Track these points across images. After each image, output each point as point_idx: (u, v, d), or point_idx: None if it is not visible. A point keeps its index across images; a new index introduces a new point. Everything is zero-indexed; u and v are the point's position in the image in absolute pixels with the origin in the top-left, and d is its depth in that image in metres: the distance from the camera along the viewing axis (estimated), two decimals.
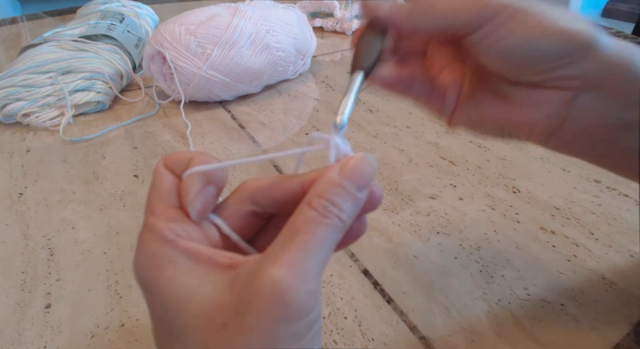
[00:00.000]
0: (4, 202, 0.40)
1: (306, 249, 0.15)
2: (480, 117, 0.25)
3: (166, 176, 0.18)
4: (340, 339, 0.27)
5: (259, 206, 0.19)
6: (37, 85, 0.53)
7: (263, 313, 0.14)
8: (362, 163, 0.17)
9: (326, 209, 0.16)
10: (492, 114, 0.24)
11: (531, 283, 0.30)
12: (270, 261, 0.15)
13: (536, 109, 0.22)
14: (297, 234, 0.16)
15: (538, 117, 0.22)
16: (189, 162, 0.18)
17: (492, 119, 0.24)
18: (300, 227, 0.16)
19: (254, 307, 0.14)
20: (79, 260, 0.34)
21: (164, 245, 0.17)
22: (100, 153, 0.47)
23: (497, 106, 0.24)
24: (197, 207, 0.18)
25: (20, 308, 0.30)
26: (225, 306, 0.15)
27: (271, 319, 0.14)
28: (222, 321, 0.15)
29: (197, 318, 0.16)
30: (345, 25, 0.83)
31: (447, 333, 0.27)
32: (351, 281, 0.31)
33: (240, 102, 0.58)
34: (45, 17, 1.04)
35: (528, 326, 0.27)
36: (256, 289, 0.15)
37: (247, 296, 0.15)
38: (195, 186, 0.18)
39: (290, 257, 0.15)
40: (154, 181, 0.18)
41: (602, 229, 0.35)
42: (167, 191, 0.18)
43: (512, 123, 0.23)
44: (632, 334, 0.26)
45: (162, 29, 0.53)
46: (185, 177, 0.18)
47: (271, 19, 0.56)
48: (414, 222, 0.36)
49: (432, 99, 0.26)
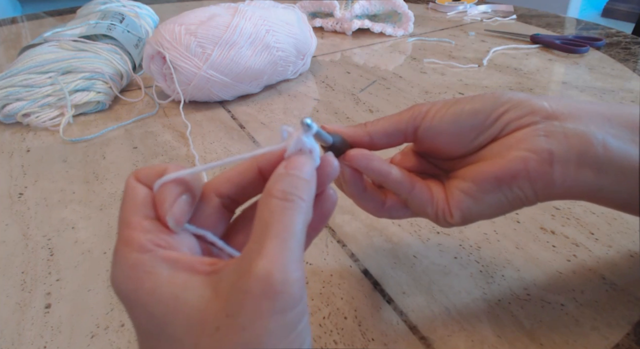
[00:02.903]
0: (4, 202, 0.40)
1: (281, 238, 0.16)
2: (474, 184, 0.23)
3: (139, 188, 0.18)
4: (340, 339, 0.27)
5: (223, 196, 0.20)
6: (37, 85, 0.53)
7: (254, 310, 0.15)
8: (302, 157, 0.19)
9: (285, 193, 0.17)
10: (482, 174, 0.23)
11: (531, 283, 0.30)
12: (252, 260, 0.15)
13: (517, 148, 0.22)
14: (268, 225, 0.16)
15: (524, 154, 0.22)
16: (162, 172, 0.18)
17: (486, 179, 0.23)
18: (269, 218, 0.16)
19: (244, 307, 0.15)
20: (79, 260, 0.34)
21: (142, 256, 0.17)
22: (100, 153, 0.47)
23: (482, 166, 0.23)
24: (174, 216, 0.18)
25: (20, 308, 0.30)
26: (214, 310, 0.15)
27: (263, 314, 0.15)
28: (214, 325, 0.15)
29: (186, 326, 0.16)
30: (345, 25, 0.83)
31: (447, 333, 0.27)
32: (351, 281, 0.31)
33: (240, 102, 0.58)
34: (45, 17, 1.04)
35: (528, 326, 0.27)
36: (243, 289, 0.15)
37: (235, 298, 0.15)
38: (171, 194, 0.18)
39: (270, 250, 0.15)
40: (126, 195, 0.18)
41: (602, 229, 0.35)
42: (141, 203, 0.18)
43: (506, 173, 0.22)
44: (632, 334, 0.26)
45: (162, 29, 0.53)
46: (159, 186, 0.18)
47: (271, 19, 0.56)
48: (414, 222, 0.36)
49: (417, 199, 0.25)
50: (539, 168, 0.22)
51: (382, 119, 0.25)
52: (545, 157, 0.21)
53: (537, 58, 0.70)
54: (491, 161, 0.23)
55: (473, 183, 0.23)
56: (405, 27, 0.82)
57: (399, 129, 0.25)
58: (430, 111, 0.24)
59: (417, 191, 0.24)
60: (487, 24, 0.89)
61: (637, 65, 0.66)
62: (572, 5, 2.21)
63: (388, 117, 0.25)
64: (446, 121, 0.24)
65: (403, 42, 0.79)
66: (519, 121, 0.23)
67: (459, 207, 0.23)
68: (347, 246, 0.34)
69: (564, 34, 0.80)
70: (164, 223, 0.18)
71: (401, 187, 0.24)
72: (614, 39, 0.78)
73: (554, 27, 0.86)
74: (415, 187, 0.25)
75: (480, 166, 0.23)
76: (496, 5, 0.97)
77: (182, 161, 0.46)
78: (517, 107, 0.23)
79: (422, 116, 0.24)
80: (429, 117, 0.24)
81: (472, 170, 0.24)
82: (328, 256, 0.33)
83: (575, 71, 0.65)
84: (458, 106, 0.24)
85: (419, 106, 0.25)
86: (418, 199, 0.24)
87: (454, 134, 0.24)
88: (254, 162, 0.20)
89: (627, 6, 2.73)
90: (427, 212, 0.25)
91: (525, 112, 0.23)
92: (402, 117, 0.25)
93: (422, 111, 0.24)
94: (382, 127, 0.25)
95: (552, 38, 0.73)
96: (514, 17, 0.91)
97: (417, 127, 0.24)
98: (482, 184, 0.23)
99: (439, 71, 0.66)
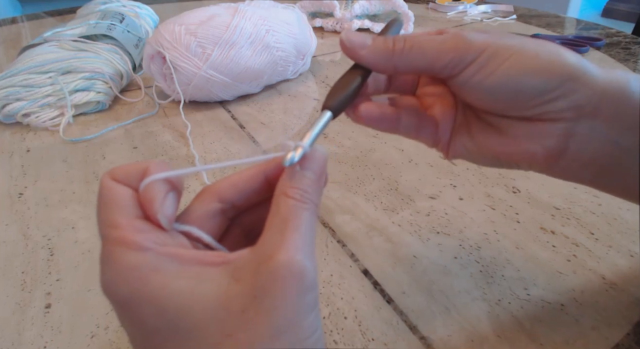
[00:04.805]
0: (4, 202, 0.40)
1: (300, 232, 0.17)
2: (477, 149, 0.24)
3: (120, 189, 0.18)
4: (340, 339, 0.27)
5: (226, 202, 0.20)
6: (37, 85, 0.53)
7: (283, 290, 0.16)
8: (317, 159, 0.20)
9: (302, 196, 0.18)
10: (489, 146, 0.24)
11: (531, 283, 0.30)
12: (275, 248, 0.16)
13: (534, 141, 0.22)
14: (287, 221, 0.17)
15: (537, 149, 0.22)
16: (145, 171, 0.18)
17: (490, 151, 0.24)
18: (288, 215, 0.18)
19: (273, 287, 0.16)
20: (79, 260, 0.34)
21: (144, 255, 0.16)
22: (100, 153, 0.47)
23: (493, 139, 0.23)
24: (166, 214, 0.18)
25: (20, 308, 0.30)
26: (237, 294, 0.16)
27: (291, 293, 0.16)
28: (239, 308, 0.16)
29: (208, 315, 0.16)
30: (345, 25, 0.83)
31: (447, 333, 0.27)
32: (351, 281, 0.31)
33: (240, 102, 0.58)
34: (45, 17, 1.04)
35: (528, 326, 0.27)
36: (270, 272, 0.16)
37: (261, 281, 0.16)
38: (160, 192, 0.18)
39: (292, 241, 0.17)
40: (104, 196, 0.18)
41: (602, 229, 0.35)
42: (127, 203, 0.18)
43: (511, 155, 0.23)
44: (632, 334, 0.26)
45: (162, 29, 0.53)
46: (145, 185, 0.18)
47: (271, 19, 0.56)
48: (414, 222, 0.36)
49: (422, 132, 0.25)
50: (544, 162, 0.22)
51: (418, 48, 0.21)
52: (556, 155, 0.22)
53: None
54: (506, 142, 0.23)
55: (478, 150, 0.24)
56: (405, 27, 0.82)
57: (432, 68, 0.21)
58: (480, 57, 0.20)
59: (422, 136, 0.25)
60: (487, 24, 0.88)
61: (637, 65, 0.66)
62: (572, 5, 2.21)
63: (425, 44, 0.21)
64: (491, 83, 0.21)
65: None
66: (560, 113, 0.21)
67: (456, 154, 0.25)
68: (347, 246, 0.34)
69: (564, 34, 0.80)
70: (155, 222, 0.18)
71: (407, 136, 0.25)
72: (614, 39, 0.78)
73: (554, 27, 0.86)
74: (421, 132, 0.25)
75: (493, 140, 0.23)
76: (496, 5, 0.97)
77: (182, 160, 0.46)
78: (570, 94, 0.20)
79: (468, 62, 0.21)
80: (474, 66, 0.21)
81: (484, 139, 0.24)
82: (328, 256, 0.33)
83: None
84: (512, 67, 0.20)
85: (468, 43, 0.21)
86: (422, 139, 0.26)
87: (491, 101, 0.22)
88: (262, 170, 0.21)
89: (627, 6, 2.73)
90: (427, 144, 0.26)
91: (572, 105, 0.21)
92: (443, 55, 0.21)
93: (470, 52, 0.21)
94: (412, 63, 0.22)
95: (552, 38, 0.73)
96: (514, 17, 0.91)
97: (455, 74, 0.21)
98: (486, 154, 0.24)
99: None
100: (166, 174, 0.18)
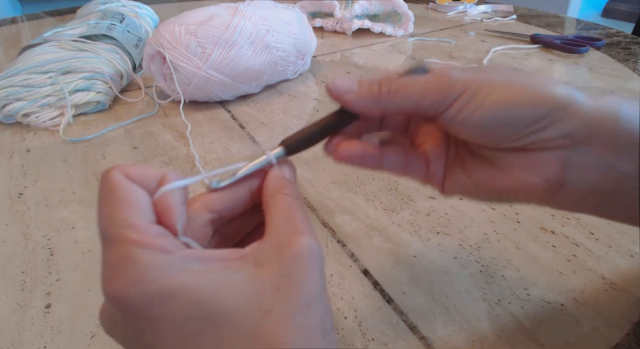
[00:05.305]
0: (4, 202, 0.40)
1: (307, 221, 0.20)
2: (474, 184, 0.24)
3: (137, 190, 0.18)
4: (340, 339, 0.27)
5: (215, 213, 0.22)
6: (37, 85, 0.53)
7: (307, 268, 0.18)
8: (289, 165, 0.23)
9: (293, 192, 0.21)
10: (485, 180, 0.23)
11: (531, 283, 0.30)
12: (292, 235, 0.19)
13: (530, 172, 0.21)
14: (292, 213, 0.20)
15: (534, 180, 0.21)
16: (163, 179, 0.19)
17: (487, 185, 0.23)
18: (291, 209, 0.20)
19: (299, 266, 0.18)
20: (79, 260, 0.34)
21: (171, 257, 0.17)
22: (100, 153, 0.47)
23: (489, 173, 0.23)
24: (182, 223, 0.19)
25: (20, 308, 0.30)
26: (267, 277, 0.18)
27: (314, 271, 0.18)
28: (272, 287, 0.17)
29: (245, 296, 0.17)
30: (345, 25, 0.83)
31: (447, 333, 0.27)
32: (351, 281, 0.31)
33: (240, 102, 0.58)
34: (45, 17, 1.04)
35: (528, 326, 0.27)
36: (295, 254, 0.18)
37: (287, 262, 0.18)
38: (178, 203, 0.19)
39: (305, 228, 0.19)
40: (120, 194, 0.18)
41: (602, 229, 0.35)
42: (145, 206, 0.18)
43: (508, 188, 0.22)
44: (632, 334, 0.26)
45: (162, 29, 0.53)
46: (164, 193, 0.19)
47: (271, 19, 0.56)
48: (414, 222, 0.36)
49: (411, 168, 0.25)
50: (543, 194, 0.22)
51: (403, 90, 0.21)
52: (555, 186, 0.21)
53: (537, 58, 0.70)
54: (501, 174, 0.22)
55: (475, 185, 0.24)
56: (405, 27, 0.82)
57: (419, 108, 0.22)
58: (464, 94, 0.21)
59: (411, 171, 0.25)
60: (487, 24, 0.89)
61: (637, 65, 0.66)
62: (572, 5, 2.21)
63: (410, 87, 0.21)
64: (477, 118, 0.21)
65: (403, 42, 0.79)
66: (551, 142, 0.21)
67: (453, 191, 0.25)
68: (347, 246, 0.34)
69: (564, 34, 0.80)
70: (172, 230, 0.19)
71: (395, 173, 0.25)
72: (614, 39, 0.78)
73: (554, 27, 0.86)
74: (410, 168, 0.25)
75: (488, 174, 0.23)
76: (496, 5, 0.97)
77: (182, 161, 0.46)
78: (559, 122, 0.20)
79: (453, 99, 0.21)
80: (460, 102, 0.21)
81: (479, 173, 0.23)
82: (328, 256, 0.33)
83: (575, 71, 0.65)
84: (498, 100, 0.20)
85: (452, 81, 0.21)
86: (411, 176, 0.25)
87: (480, 135, 0.22)
88: (246, 182, 0.23)
89: (627, 6, 2.73)
90: (419, 181, 0.26)
91: (564, 132, 0.20)
92: (428, 94, 0.21)
93: (454, 90, 0.21)
94: (400, 104, 0.22)
95: (552, 38, 0.73)
96: (514, 17, 0.91)
97: (442, 111, 0.21)
98: (483, 190, 0.23)
99: None
100: (183, 182, 0.20)
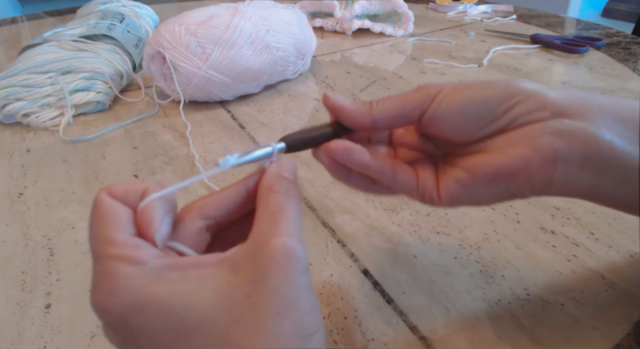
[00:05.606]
0: (4, 202, 0.40)
1: (291, 220, 0.19)
2: (470, 176, 0.23)
3: (117, 206, 0.19)
4: (340, 339, 0.27)
5: (209, 219, 0.21)
6: (37, 85, 0.53)
7: (281, 272, 0.17)
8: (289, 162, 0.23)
9: (287, 190, 0.21)
10: (479, 167, 0.23)
11: (531, 283, 0.30)
12: (269, 236, 0.18)
13: (520, 145, 0.22)
14: (277, 213, 0.19)
15: (526, 152, 0.21)
16: (144, 192, 0.19)
17: (483, 172, 0.23)
18: (277, 208, 0.20)
19: (272, 270, 0.17)
20: (79, 260, 0.34)
21: (144, 267, 0.17)
22: (100, 153, 0.47)
23: (482, 159, 0.23)
24: (162, 235, 0.19)
25: (20, 308, 0.30)
26: (239, 283, 0.17)
27: (289, 274, 0.17)
28: (243, 294, 0.17)
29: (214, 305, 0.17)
30: (345, 25, 0.83)
31: (447, 333, 0.27)
32: (351, 281, 0.31)
33: (240, 102, 0.58)
34: (45, 17, 1.04)
35: (528, 326, 0.27)
36: (267, 257, 0.17)
37: (260, 266, 0.17)
38: (158, 214, 0.19)
39: (284, 230, 0.18)
40: (102, 211, 0.18)
41: (602, 229, 0.35)
42: (125, 221, 0.19)
43: (505, 169, 0.22)
44: (632, 334, 0.26)
45: (162, 29, 0.53)
46: (144, 206, 0.19)
47: (271, 19, 0.56)
48: (414, 222, 0.36)
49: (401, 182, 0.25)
50: (540, 168, 0.21)
51: (388, 100, 0.24)
52: (549, 157, 0.21)
53: (537, 58, 0.70)
54: (492, 155, 0.23)
55: (469, 175, 0.23)
56: (405, 27, 0.82)
57: (404, 113, 0.24)
58: (439, 95, 0.23)
59: (399, 179, 0.25)
60: (487, 24, 0.89)
61: (637, 65, 0.66)
62: (572, 5, 2.21)
63: (394, 98, 0.24)
64: (454, 108, 0.23)
65: (403, 42, 0.79)
66: (528, 116, 0.22)
67: (449, 194, 0.24)
68: (347, 246, 0.34)
69: (564, 34, 0.80)
70: (151, 241, 0.19)
71: (383, 176, 0.25)
72: (614, 39, 0.78)
73: (554, 27, 0.86)
74: (398, 175, 0.25)
75: (480, 158, 0.23)
76: (496, 5, 0.97)
77: (182, 161, 0.46)
78: (529, 100, 0.22)
79: (430, 100, 0.23)
80: (436, 102, 0.23)
81: (471, 161, 0.23)
82: (328, 256, 0.33)
83: (575, 71, 0.65)
84: (468, 93, 0.23)
85: (428, 87, 0.24)
86: (401, 185, 0.25)
87: (460, 123, 0.23)
88: (243, 184, 0.22)
89: (627, 6, 2.73)
90: (412, 194, 0.25)
91: (536, 106, 0.22)
92: (409, 100, 0.24)
93: (430, 94, 0.24)
94: (387, 112, 0.24)
95: (552, 38, 0.73)
96: (514, 17, 0.91)
97: (423, 112, 0.24)
98: (478, 177, 0.23)
99: (439, 71, 0.66)
100: (161, 193, 0.19)
